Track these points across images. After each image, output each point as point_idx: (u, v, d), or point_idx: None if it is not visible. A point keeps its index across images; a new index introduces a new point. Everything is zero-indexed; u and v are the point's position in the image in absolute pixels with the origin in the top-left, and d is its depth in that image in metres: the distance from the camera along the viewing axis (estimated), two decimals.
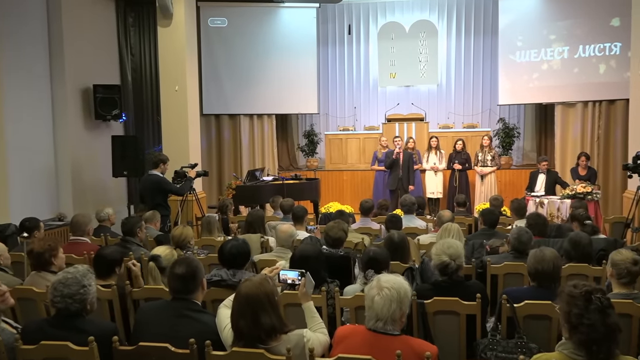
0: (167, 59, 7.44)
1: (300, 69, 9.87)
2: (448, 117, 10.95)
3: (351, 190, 9.96)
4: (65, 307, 2.29)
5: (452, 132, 9.95)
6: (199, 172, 6.35)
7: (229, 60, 9.78)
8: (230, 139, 10.05)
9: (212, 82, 9.73)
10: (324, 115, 11.49)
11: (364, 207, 5.24)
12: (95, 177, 7.33)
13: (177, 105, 7.43)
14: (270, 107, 9.96)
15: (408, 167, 8.14)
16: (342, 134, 10.42)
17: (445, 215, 4.41)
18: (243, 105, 9.89)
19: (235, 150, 10.02)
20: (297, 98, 9.90)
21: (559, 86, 9.20)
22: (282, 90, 9.84)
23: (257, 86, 9.83)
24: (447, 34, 11.01)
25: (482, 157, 8.55)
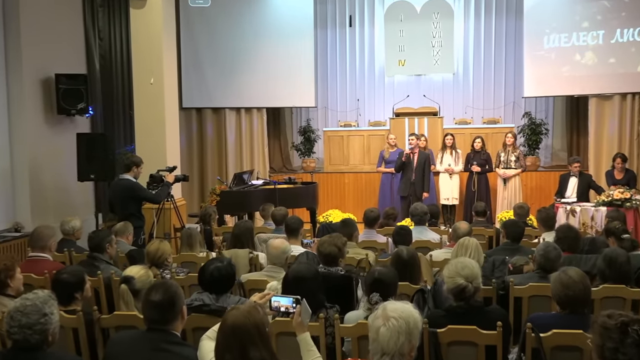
0: (141, 45, 7.46)
1: (295, 55, 9.89)
2: (465, 111, 10.98)
3: (354, 195, 9.98)
4: (24, 339, 2.30)
5: (470, 129, 9.99)
6: (178, 177, 6.36)
7: (212, 45, 9.80)
8: (214, 136, 10.07)
9: (193, 71, 9.75)
10: (323, 109, 11.52)
11: (369, 217, 5.26)
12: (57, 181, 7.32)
13: (152, 97, 7.44)
14: (261, 100, 9.97)
15: (423, 171, 8.13)
16: (344, 131, 10.44)
17: (461, 228, 4.44)
18: (229, 97, 9.91)
19: (220, 150, 10.04)
20: (292, 89, 9.93)
21: (593, 76, 9.25)
22: (274, 80, 9.86)
23: (245, 75, 9.85)
24: (465, 14, 11.05)
25: (504, 157, 8.58)
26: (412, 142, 8.24)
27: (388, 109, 10.71)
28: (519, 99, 10.74)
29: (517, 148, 8.80)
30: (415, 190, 8.07)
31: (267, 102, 10.06)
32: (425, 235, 5.22)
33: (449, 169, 8.81)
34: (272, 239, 3.96)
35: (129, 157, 5.98)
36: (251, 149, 10.15)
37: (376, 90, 11.53)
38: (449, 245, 4.63)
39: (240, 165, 10.01)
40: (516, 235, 4.44)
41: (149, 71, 7.41)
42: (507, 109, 11.07)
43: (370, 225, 5.30)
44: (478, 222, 6.00)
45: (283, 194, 7.66)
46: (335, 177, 10.08)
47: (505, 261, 4.08)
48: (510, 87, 11.08)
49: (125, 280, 3.12)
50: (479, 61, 11.20)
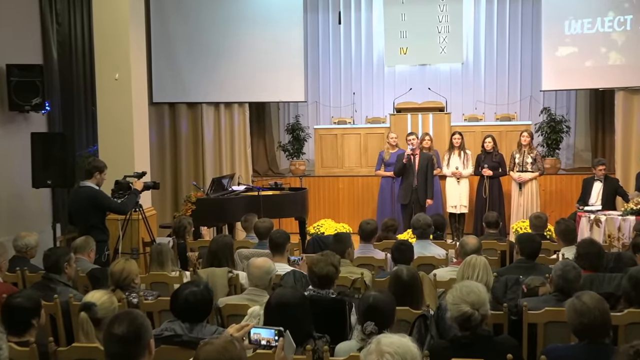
0: (105, 31, 7.44)
1: (282, 43, 9.92)
2: (476, 106, 11.06)
3: (349, 202, 10.03)
4: None
5: (481, 126, 10.06)
6: (148, 184, 6.36)
7: (187, 32, 9.80)
8: (190, 135, 10.08)
9: (165, 61, 9.74)
10: (313, 103, 11.55)
11: (365, 230, 5.29)
12: (8, 187, 7.30)
13: (118, 91, 7.43)
14: (242, 94, 10.00)
15: (426, 174, 8.17)
16: (337, 129, 10.48)
17: (469, 243, 4.47)
18: (206, 90, 9.93)
19: (196, 151, 10.05)
20: (278, 81, 9.96)
21: (620, 66, 9.33)
22: (258, 71, 9.89)
23: (225, 66, 9.86)
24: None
25: (520, 159, 8.64)
26: (412, 142, 8.27)
27: (388, 104, 10.75)
28: (537, 93, 10.81)
29: (534, 148, 8.86)
30: (417, 197, 8.10)
31: (249, 96, 10.08)
32: (429, 250, 5.25)
33: (456, 173, 8.86)
34: (254, 258, 3.98)
35: (91, 161, 5.97)
36: (232, 149, 10.16)
37: (374, 82, 11.57)
38: (455, 263, 4.67)
39: (219, 168, 10.01)
40: (532, 251, 4.48)
41: (114, 61, 7.39)
42: (524, 104, 11.14)
43: (366, 240, 5.33)
44: (489, 235, 6.03)
45: (268, 202, 7.66)
46: (328, 181, 10.12)
47: (519, 281, 4.12)
48: (527, 80, 11.15)
49: (85, 307, 3.12)
50: (492, 50, 11.27)
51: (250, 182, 9.50)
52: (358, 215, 9.83)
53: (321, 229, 7.80)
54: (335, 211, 9.89)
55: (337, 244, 4.69)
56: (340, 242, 4.71)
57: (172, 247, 6.06)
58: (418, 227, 5.41)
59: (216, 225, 7.85)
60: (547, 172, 9.42)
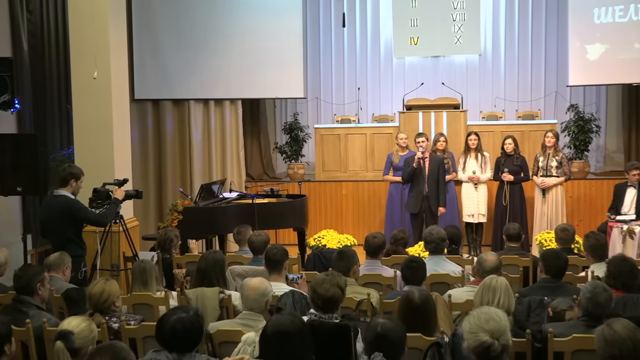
0: (82, 21, 7.44)
1: (279, 33, 9.90)
2: (495, 103, 11.04)
3: (354, 211, 10.04)
4: None
5: (500, 126, 10.07)
6: (130, 193, 6.37)
7: (174, 22, 9.80)
8: (175, 136, 10.08)
9: (149, 55, 9.74)
10: (314, 100, 11.53)
11: (372, 245, 5.29)
12: None
13: (96, 88, 7.43)
14: (235, 89, 10.00)
15: (437, 180, 8.17)
16: (341, 128, 10.49)
17: (488, 261, 4.48)
18: (194, 86, 9.91)
19: (183, 154, 10.05)
20: (274, 76, 9.93)
21: None
22: (253, 64, 9.87)
23: (216, 59, 9.86)
24: None
25: (544, 162, 8.64)
26: (421, 144, 8.28)
27: (397, 101, 10.74)
28: (563, 88, 10.80)
29: (560, 150, 8.85)
30: (429, 205, 8.12)
31: (243, 92, 10.06)
32: (443, 267, 5.26)
33: (473, 178, 8.86)
34: (249, 279, 3.98)
35: (66, 167, 5.97)
36: (222, 152, 10.16)
37: (382, 76, 11.56)
38: (473, 282, 4.68)
39: (208, 173, 10.01)
40: (557, 270, 4.49)
41: (92, 54, 7.40)
42: (548, 101, 11.13)
43: (373, 255, 5.33)
44: (510, 249, 6.03)
45: (263, 211, 7.67)
46: (331, 187, 10.13)
47: (543, 303, 4.13)
48: (552, 73, 11.15)
49: (61, 336, 3.13)
50: (512, 40, 11.27)
51: (243, 189, 9.50)
52: (364, 225, 9.87)
53: (322, 241, 7.78)
54: (339, 220, 9.89)
55: (341, 261, 4.69)
56: (344, 259, 4.70)
57: (156, 263, 6.10)
58: (431, 242, 5.42)
59: (206, 237, 7.87)
60: (575, 177, 9.42)
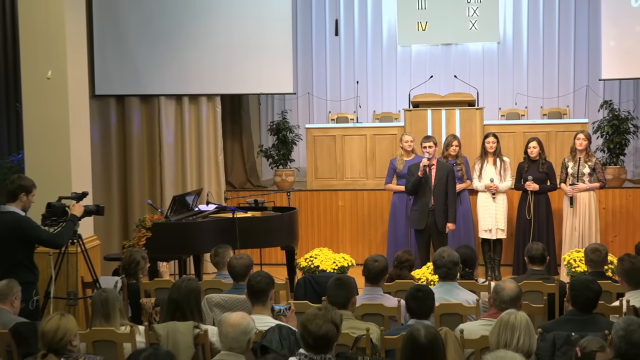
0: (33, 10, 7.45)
1: (265, 19, 9.92)
2: (516, 100, 11.07)
3: (352, 225, 10.03)
4: None
5: (523, 125, 10.09)
6: (89, 208, 6.36)
7: (140, 8, 9.81)
8: (143, 138, 10.09)
9: (112, 44, 9.75)
10: (305, 96, 11.55)
11: (372, 270, 5.28)
12: None
13: (49, 84, 7.43)
14: (213, 84, 10.02)
15: (445, 192, 8.17)
16: (336, 128, 10.49)
17: (506, 289, 4.47)
18: (165, 80, 9.94)
19: (152, 159, 10.06)
20: (259, 68, 9.96)
21: None
22: (233, 55, 9.89)
23: (191, 50, 9.87)
24: None
25: (574, 168, 8.66)
26: (429, 149, 8.20)
27: (402, 96, 10.79)
28: (595, 83, 10.82)
29: (592, 155, 8.87)
30: (434, 220, 8.12)
31: (222, 87, 10.08)
32: (455, 295, 5.25)
33: (491, 187, 8.87)
34: (228, 315, 3.99)
35: (15, 179, 5.95)
36: (199, 156, 10.15)
37: (384, 68, 11.58)
38: (489, 314, 4.68)
39: (182, 181, 10.00)
40: (586, 302, 4.48)
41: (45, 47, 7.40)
42: (578, 97, 11.16)
43: (373, 281, 5.32)
44: (533, 273, 6.01)
45: (246, 227, 7.68)
46: (325, 197, 10.12)
47: (570, 339, 4.14)
48: (583, 65, 11.19)
49: None
50: (536, 25, 11.31)
51: (222, 200, 9.50)
52: (363, 242, 9.89)
53: (315, 262, 7.78)
54: (334, 237, 9.91)
55: (340, 290, 4.64)
56: (344, 289, 4.67)
57: (120, 290, 6.11)
58: (441, 266, 5.40)
59: (179, 258, 7.85)
60: (610, 185, 9.43)
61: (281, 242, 8.17)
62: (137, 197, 9.90)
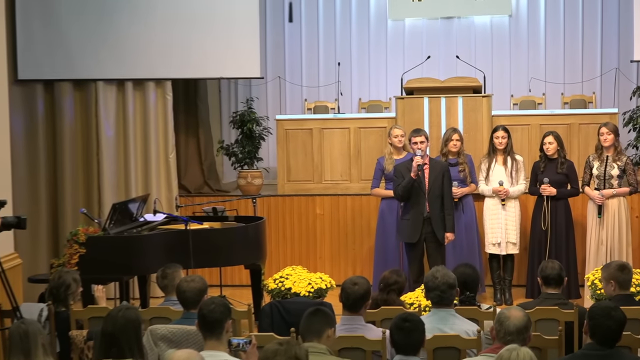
0: None
1: None
2: (531, 85, 11.12)
3: (332, 238, 10.03)
4: None
5: (539, 116, 10.14)
6: (8, 220, 6.32)
7: None
8: (77, 131, 10.04)
9: (39, 21, 9.69)
10: (275, 81, 11.56)
11: (351, 295, 5.20)
12: None
13: None
14: (163, 67, 9.98)
15: (442, 195, 8.19)
16: (313, 120, 10.51)
17: (511, 318, 4.41)
18: (104, 62, 9.90)
19: (88, 157, 10.03)
20: (220, 48, 9.94)
21: None
22: (188, 33, 9.88)
23: (135, 26, 9.85)
24: None
25: (600, 169, 8.66)
26: (420, 145, 8.15)
27: (393, 81, 10.81)
28: (627, 65, 10.88)
29: (622, 152, 8.84)
30: (432, 230, 8.10)
31: (173, 70, 10.03)
32: (451, 325, 5.17)
33: (501, 191, 8.88)
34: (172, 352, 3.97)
35: None
36: (145, 154, 10.10)
37: (371, 47, 11.63)
38: (491, 349, 4.66)
39: (124, 186, 9.97)
40: (608, 333, 4.44)
41: None
42: (606, 82, 11.23)
43: (353, 309, 5.25)
44: (548, 297, 5.99)
45: (202, 241, 7.67)
46: (299, 204, 10.13)
47: None
48: (611, 44, 11.28)
49: None
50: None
51: (173, 209, 9.44)
52: (346, 259, 9.90)
53: (286, 283, 7.79)
54: (310, 253, 9.92)
55: (313, 321, 4.60)
56: (318, 320, 4.62)
57: (46, 320, 6.06)
58: (433, 289, 5.29)
59: (119, 279, 7.81)
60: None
61: (245, 259, 8.16)
62: (70, 205, 9.83)
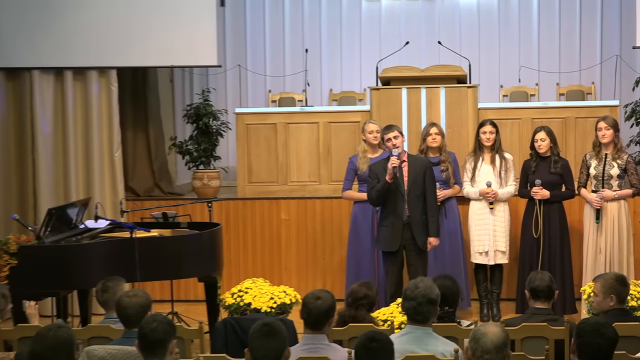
0: None
1: None
2: (521, 76, 11.19)
3: (299, 246, 10.09)
4: None
5: (532, 109, 10.22)
6: None
7: None
8: (9, 126, 10.10)
9: None
10: (235, 69, 11.61)
11: (313, 311, 5.18)
12: None
13: None
14: (107, 54, 10.05)
15: (423, 195, 8.18)
16: (278, 114, 10.55)
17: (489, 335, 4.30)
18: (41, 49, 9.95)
19: (22, 155, 10.08)
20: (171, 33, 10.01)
21: None
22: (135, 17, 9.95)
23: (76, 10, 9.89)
24: None
25: (597, 168, 8.68)
26: (394, 141, 8.16)
27: (368, 70, 10.87)
28: (628, 52, 10.97)
29: (623, 150, 8.86)
30: (412, 237, 8.11)
31: (119, 58, 10.09)
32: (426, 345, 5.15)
33: (488, 193, 8.90)
34: None
35: None
36: (87, 152, 10.13)
37: (343, 31, 11.71)
38: None
39: (63, 188, 9.99)
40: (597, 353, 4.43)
41: None
42: (606, 70, 11.36)
43: (315, 326, 5.25)
44: (536, 312, 5.99)
45: (149, 251, 7.69)
46: (262, 208, 10.16)
47: None
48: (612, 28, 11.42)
49: None
50: None
51: (119, 215, 9.38)
52: (314, 270, 9.98)
53: (246, 298, 7.78)
54: (275, 263, 9.94)
55: (268, 341, 4.58)
56: (273, 338, 4.60)
57: None
58: (411, 298, 5.18)
59: (56, 294, 7.77)
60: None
61: (198, 271, 8.16)
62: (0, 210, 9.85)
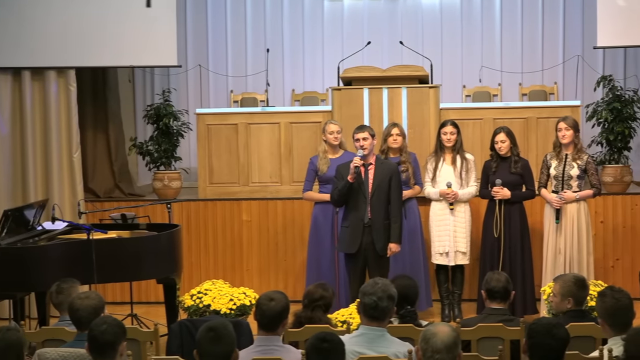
0: None
1: None
2: (482, 76, 11.23)
3: (260, 247, 10.08)
4: None
5: (494, 109, 10.24)
6: None
7: None
8: None
9: None
10: (195, 69, 11.56)
11: (266, 312, 5.16)
12: None
13: None
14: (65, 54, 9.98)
15: (388, 199, 8.19)
16: (239, 114, 10.52)
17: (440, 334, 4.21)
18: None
19: None
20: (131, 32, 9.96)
21: None
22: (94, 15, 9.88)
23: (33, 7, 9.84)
24: None
25: (557, 168, 8.70)
26: (362, 142, 8.16)
27: (329, 70, 10.89)
28: (590, 52, 11.02)
29: (583, 150, 8.86)
30: (372, 240, 8.12)
31: (78, 58, 10.02)
32: (377, 347, 5.14)
33: (449, 194, 8.93)
34: None
35: None
36: (45, 153, 10.07)
37: (305, 30, 11.66)
38: None
39: (21, 189, 9.94)
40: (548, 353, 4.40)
41: None
42: (568, 70, 11.38)
43: (269, 328, 5.22)
44: (492, 313, 6.00)
45: (107, 253, 7.67)
46: (223, 209, 10.15)
47: None
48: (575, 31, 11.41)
49: None
50: None
51: (77, 216, 9.35)
52: (276, 271, 9.99)
53: (205, 300, 7.76)
54: (236, 264, 9.94)
55: (214, 346, 4.53)
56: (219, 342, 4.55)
57: None
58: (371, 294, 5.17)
59: (12, 297, 7.75)
60: (609, 191, 9.62)
61: (156, 272, 8.16)
62: None
